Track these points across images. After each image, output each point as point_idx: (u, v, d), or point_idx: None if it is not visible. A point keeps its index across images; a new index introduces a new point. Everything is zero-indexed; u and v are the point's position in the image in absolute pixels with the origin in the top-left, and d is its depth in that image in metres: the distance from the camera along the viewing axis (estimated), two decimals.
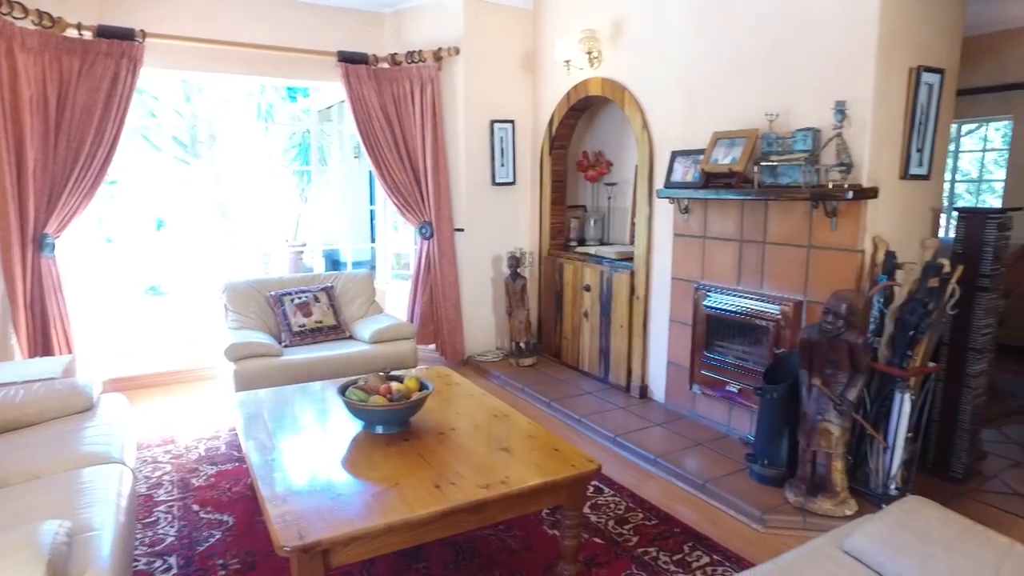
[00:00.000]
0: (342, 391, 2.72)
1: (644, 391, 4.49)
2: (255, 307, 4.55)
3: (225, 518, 3.00)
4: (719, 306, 3.78)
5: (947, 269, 2.84)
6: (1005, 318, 5.75)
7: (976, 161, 7.44)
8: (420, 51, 5.11)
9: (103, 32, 4.17)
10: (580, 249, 5.16)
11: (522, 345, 5.33)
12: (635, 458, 3.67)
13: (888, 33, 3.01)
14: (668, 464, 3.47)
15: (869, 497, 3.02)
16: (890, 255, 2.99)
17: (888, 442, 2.94)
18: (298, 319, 4.54)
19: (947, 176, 7.56)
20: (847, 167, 3.00)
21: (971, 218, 3.21)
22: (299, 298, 4.62)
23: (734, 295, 3.70)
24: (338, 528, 1.92)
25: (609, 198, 5.42)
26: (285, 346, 4.36)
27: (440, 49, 5.10)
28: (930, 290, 2.82)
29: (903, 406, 2.87)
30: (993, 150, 7.03)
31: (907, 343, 2.84)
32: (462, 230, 5.37)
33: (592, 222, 5.54)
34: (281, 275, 4.80)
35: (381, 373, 2.90)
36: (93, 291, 4.81)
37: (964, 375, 3.28)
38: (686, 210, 3.98)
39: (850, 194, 2.94)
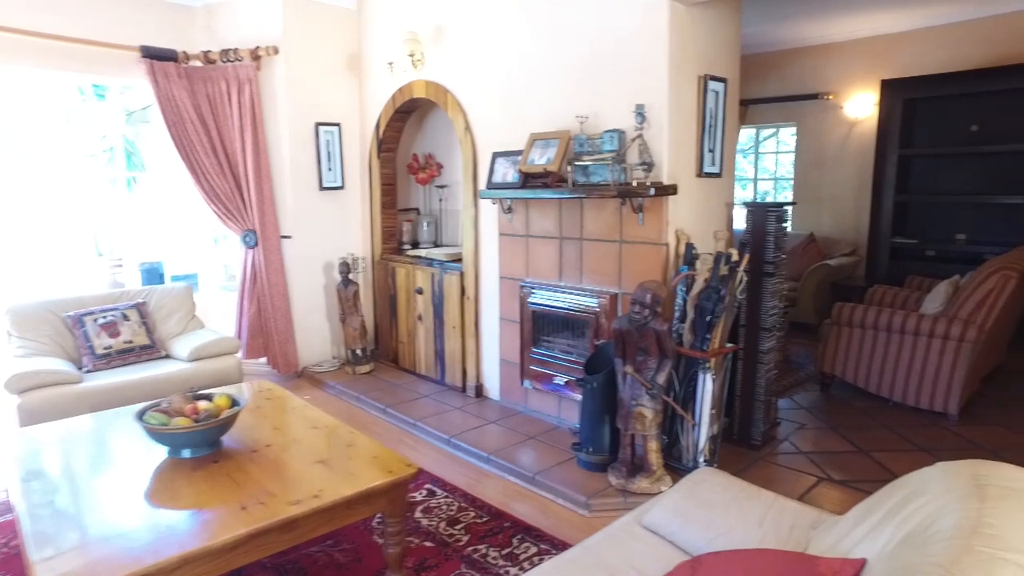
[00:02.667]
0: (140, 415, 2.49)
1: (480, 390, 4.54)
2: (48, 330, 4.06)
3: None
4: (543, 302, 3.91)
5: (735, 258, 3.13)
6: (798, 299, 6.49)
7: (775, 162, 8.31)
8: (236, 49, 4.82)
9: None
10: (412, 252, 5.13)
11: (358, 352, 5.20)
12: (470, 457, 3.69)
13: (678, 45, 3.27)
14: (501, 460, 3.52)
15: (683, 471, 3.25)
16: (689, 247, 3.25)
17: (695, 419, 3.18)
18: (103, 340, 4.11)
19: (751, 174, 8.40)
20: (649, 166, 3.22)
21: (755, 211, 3.56)
22: (104, 317, 4.18)
23: (557, 291, 3.84)
24: (123, 571, 1.74)
25: (440, 200, 5.43)
26: (87, 372, 3.94)
27: (258, 48, 4.84)
28: (722, 277, 3.09)
29: (706, 385, 3.12)
30: (786, 152, 7.89)
31: (706, 327, 3.10)
32: (289, 237, 5.13)
33: (425, 225, 5.52)
34: (80, 294, 4.32)
35: (188, 393, 2.68)
36: None
37: (758, 352, 3.64)
38: (509, 210, 4.07)
39: (652, 191, 3.15)
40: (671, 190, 3.26)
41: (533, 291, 3.97)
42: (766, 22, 6.39)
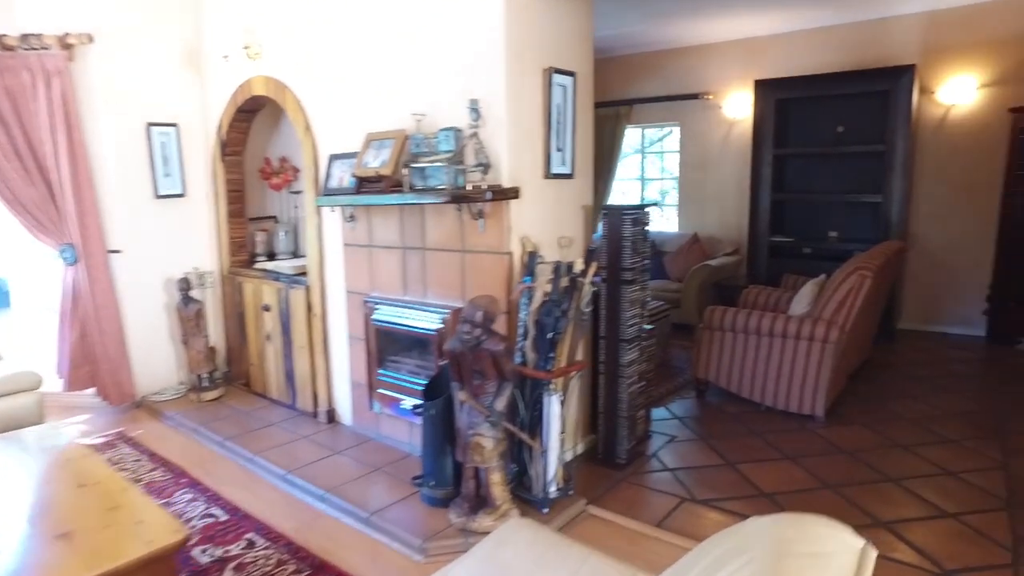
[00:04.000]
0: None
1: (332, 415, 4.13)
2: None
3: None
4: (388, 319, 3.55)
5: (580, 267, 2.87)
6: (681, 300, 6.40)
7: (662, 163, 8.26)
8: (40, 35, 4.19)
9: None
10: (259, 265, 4.64)
11: (204, 377, 4.67)
12: (305, 495, 3.28)
13: (518, 35, 2.99)
14: (337, 498, 3.13)
15: (534, 503, 2.97)
16: (533, 256, 2.97)
17: (543, 445, 2.90)
18: None
19: (650, 174, 8.33)
20: (485, 167, 2.92)
21: (610, 215, 3.33)
22: None
23: (401, 306, 3.49)
24: None
25: (296, 207, 4.96)
26: None
27: (67, 35, 4.23)
28: (565, 290, 2.82)
29: (551, 408, 2.85)
30: (673, 152, 7.84)
31: (548, 345, 2.82)
32: (119, 252, 4.53)
33: (282, 234, 5.04)
34: None
35: None
36: None
37: (619, 366, 3.41)
38: (351, 218, 3.69)
39: (489, 195, 2.85)
40: (512, 193, 2.97)
41: (377, 307, 3.60)
42: (644, 21, 6.29)
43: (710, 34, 6.84)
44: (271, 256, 5.05)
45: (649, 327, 3.97)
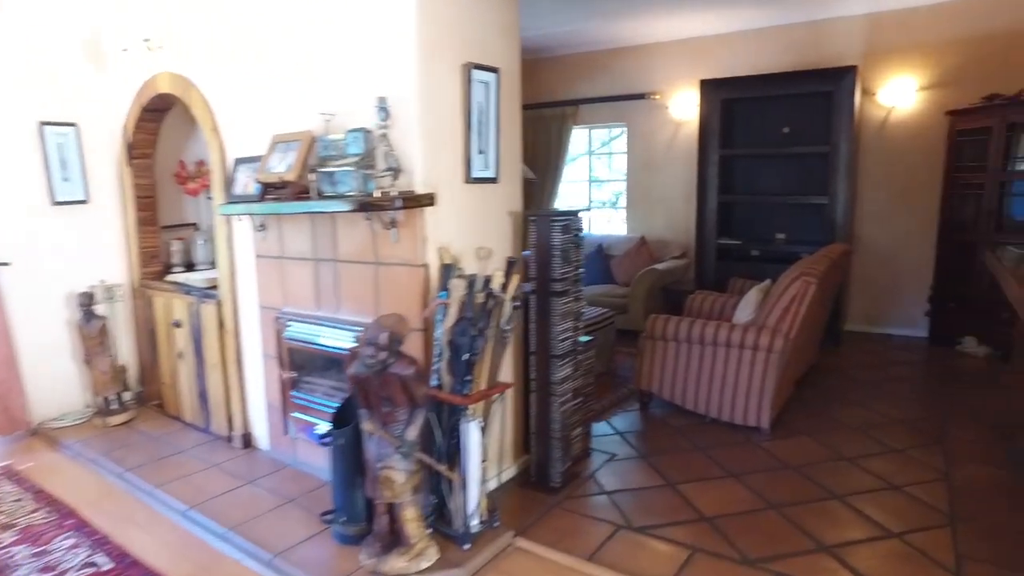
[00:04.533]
0: None
1: (248, 440, 3.81)
2: None
3: None
4: (300, 336, 3.26)
5: (499, 281, 2.63)
6: (628, 305, 6.23)
7: (617, 164, 8.09)
8: None
9: None
10: (171, 277, 4.29)
11: (112, 399, 4.29)
12: (206, 534, 2.97)
13: (431, 27, 2.73)
14: (239, 538, 2.83)
15: (455, 538, 2.71)
16: (449, 268, 2.72)
17: (462, 476, 2.65)
18: None
19: (601, 175, 8.15)
20: (395, 172, 2.66)
21: (538, 222, 3.11)
22: None
23: (314, 322, 3.20)
24: None
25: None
26: None
27: None
28: (482, 306, 2.58)
29: (470, 436, 2.60)
30: (621, 153, 7.67)
31: (464, 367, 2.57)
32: (8, 264, 4.12)
33: (201, 243, 4.70)
34: None
35: None
36: None
37: (550, 383, 3.18)
38: (262, 227, 3.39)
39: (399, 202, 2.59)
40: (427, 200, 2.72)
41: (290, 323, 3.31)
42: (589, 19, 6.10)
43: (656, 33, 6.70)
44: (190, 267, 4.70)
45: (587, 339, 3.77)
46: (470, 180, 2.97)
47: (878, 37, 5.84)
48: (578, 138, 7.92)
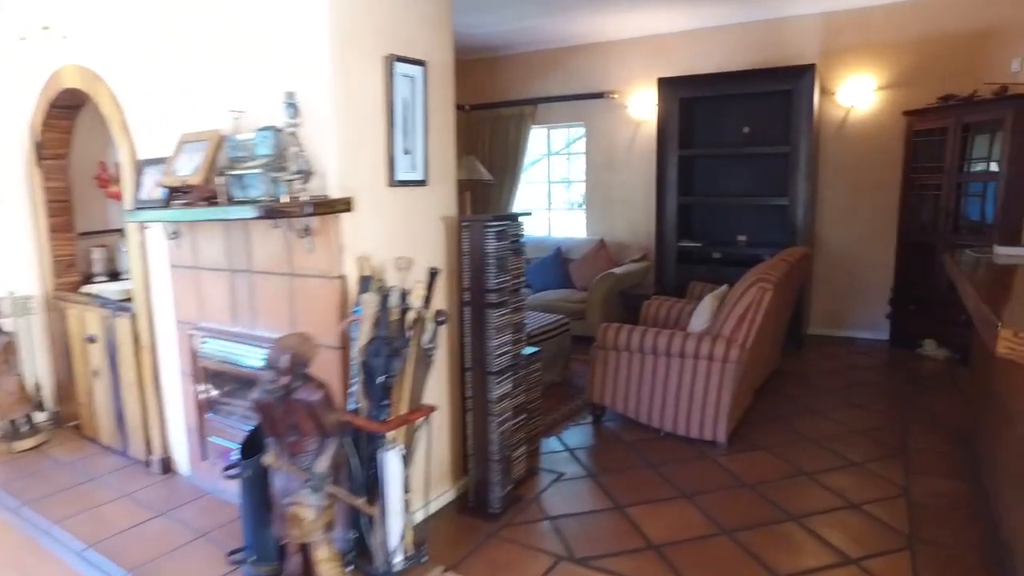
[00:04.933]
0: None
1: (167, 464, 3.51)
2: None
3: None
4: (216, 353, 2.99)
5: (419, 295, 2.39)
6: (586, 311, 6.03)
7: (576, 165, 7.88)
8: None
9: None
10: (86, 288, 3.97)
11: (20, 422, 3.95)
12: None
13: (346, 15, 2.48)
14: None
15: None
16: (367, 280, 2.47)
17: (383, 509, 2.41)
18: None
19: (565, 175, 7.94)
20: (305, 174, 2.40)
21: (472, 227, 2.87)
22: None
23: (230, 339, 2.93)
24: None
25: None
26: None
27: None
28: (398, 323, 2.34)
29: (389, 466, 2.35)
30: (580, 154, 7.46)
31: (380, 391, 2.33)
32: None
33: (126, 251, 4.35)
34: None
35: None
36: None
37: (487, 402, 2.95)
38: (175, 234, 3.10)
39: (309, 208, 2.34)
40: (343, 205, 2.47)
41: (206, 340, 3.03)
42: (544, 15, 5.89)
43: (613, 31, 6.52)
44: (114, 276, 4.37)
45: (532, 350, 3.55)
46: (394, 183, 2.72)
47: (836, 36, 5.74)
48: (539, 139, 7.71)
